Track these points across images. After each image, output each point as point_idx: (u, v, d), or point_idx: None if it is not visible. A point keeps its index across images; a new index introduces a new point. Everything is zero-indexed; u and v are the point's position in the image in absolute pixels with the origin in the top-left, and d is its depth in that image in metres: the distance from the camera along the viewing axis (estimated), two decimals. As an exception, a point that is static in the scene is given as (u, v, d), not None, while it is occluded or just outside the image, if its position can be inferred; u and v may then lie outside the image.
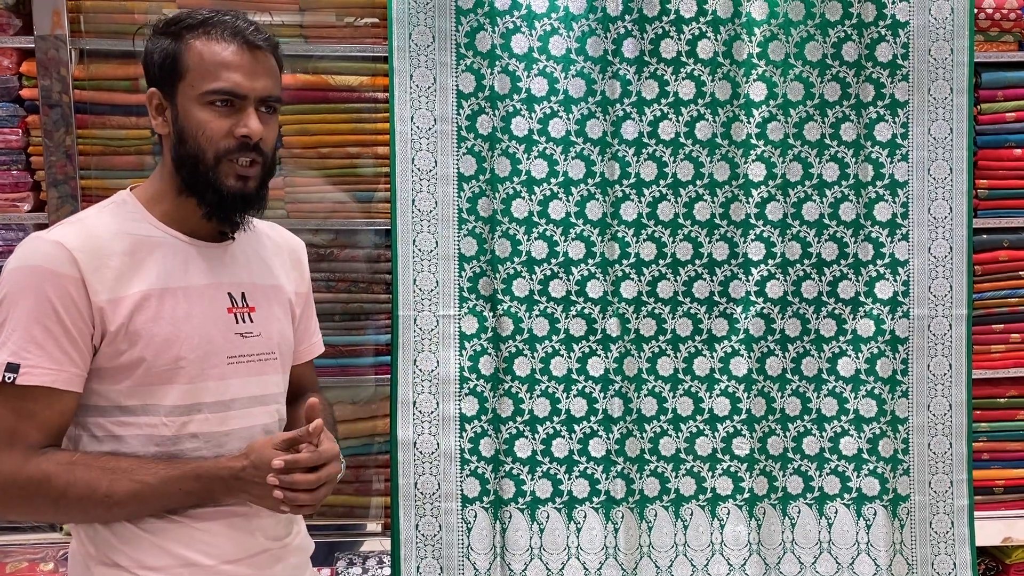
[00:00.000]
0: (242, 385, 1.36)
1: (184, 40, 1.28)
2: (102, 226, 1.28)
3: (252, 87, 1.29)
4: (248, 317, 1.37)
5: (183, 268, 1.32)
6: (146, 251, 1.29)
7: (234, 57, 1.28)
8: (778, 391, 2.13)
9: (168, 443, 1.29)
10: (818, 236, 2.12)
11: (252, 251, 1.44)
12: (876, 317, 2.12)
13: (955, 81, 2.11)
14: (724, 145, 2.09)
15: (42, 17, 2.00)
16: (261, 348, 1.39)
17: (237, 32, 1.28)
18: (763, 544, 2.13)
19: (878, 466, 2.13)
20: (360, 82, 2.13)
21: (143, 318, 1.26)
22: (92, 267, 1.23)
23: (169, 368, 1.28)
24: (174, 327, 1.28)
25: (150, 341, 1.26)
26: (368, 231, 2.19)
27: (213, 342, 1.32)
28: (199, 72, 1.27)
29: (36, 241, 1.25)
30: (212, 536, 1.31)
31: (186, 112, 1.28)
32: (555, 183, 2.07)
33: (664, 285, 2.10)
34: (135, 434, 1.28)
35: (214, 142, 1.28)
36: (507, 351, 2.07)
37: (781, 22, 2.07)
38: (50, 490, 1.21)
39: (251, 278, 1.41)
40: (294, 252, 1.56)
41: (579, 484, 2.09)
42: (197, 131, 1.27)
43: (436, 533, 2.05)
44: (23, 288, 1.21)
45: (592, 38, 2.05)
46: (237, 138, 1.28)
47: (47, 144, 2.03)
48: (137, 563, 1.28)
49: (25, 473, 1.20)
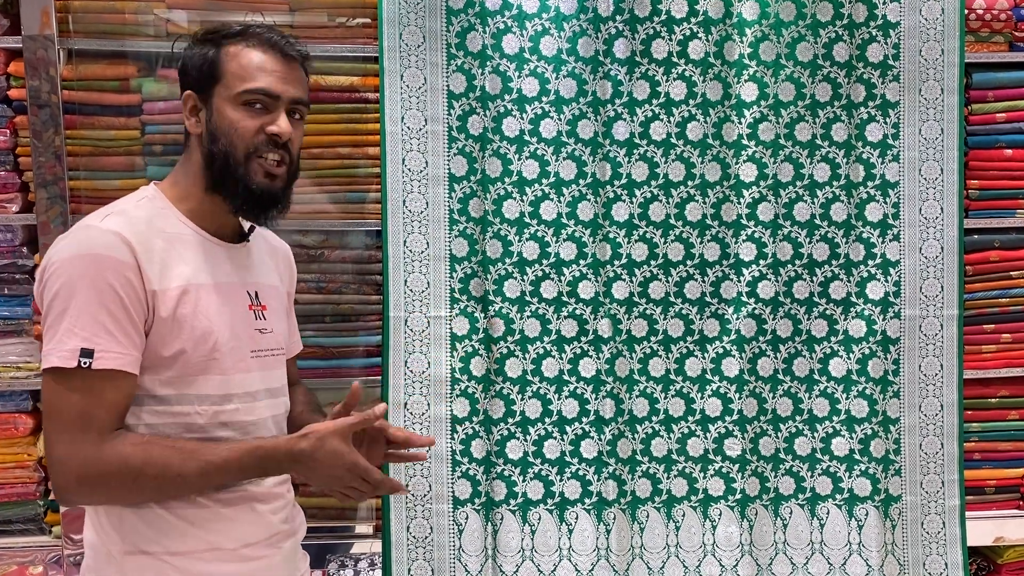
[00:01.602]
0: (262, 378, 1.43)
1: (223, 47, 1.38)
2: (143, 219, 1.34)
3: (284, 90, 1.38)
4: (263, 315, 1.45)
5: (212, 265, 1.38)
6: (181, 246, 1.36)
7: (269, 63, 1.37)
8: (770, 392, 2.13)
9: (200, 431, 1.34)
10: (809, 237, 2.12)
11: (258, 252, 1.52)
12: (867, 317, 2.12)
13: (946, 81, 2.11)
14: (715, 146, 2.09)
15: (30, 17, 1.99)
16: (274, 344, 1.47)
17: (273, 43, 1.39)
18: (755, 545, 2.13)
19: (870, 467, 2.13)
20: (351, 82, 2.12)
21: (185, 310, 1.32)
22: (145, 256, 1.29)
23: (205, 360, 1.33)
24: (210, 321, 1.34)
25: (191, 333, 1.32)
26: (359, 232, 2.18)
27: (240, 337, 1.39)
28: (236, 75, 1.36)
29: (90, 230, 1.29)
30: (233, 521, 1.37)
31: (220, 112, 1.36)
32: (546, 184, 2.07)
33: (656, 286, 2.10)
34: (168, 422, 1.32)
35: (245, 139, 1.35)
36: (498, 352, 2.06)
37: (772, 23, 2.07)
38: (128, 471, 1.25)
39: (261, 278, 1.49)
40: (285, 254, 1.64)
41: (571, 485, 2.09)
42: (230, 129, 1.35)
43: (427, 535, 2.05)
44: (84, 275, 1.25)
45: (583, 38, 2.04)
46: (268, 135, 1.36)
47: (35, 145, 2.02)
48: (166, 549, 1.32)
49: (104, 455, 1.24)
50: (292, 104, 1.40)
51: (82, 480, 1.25)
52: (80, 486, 1.25)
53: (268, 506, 1.42)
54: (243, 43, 1.38)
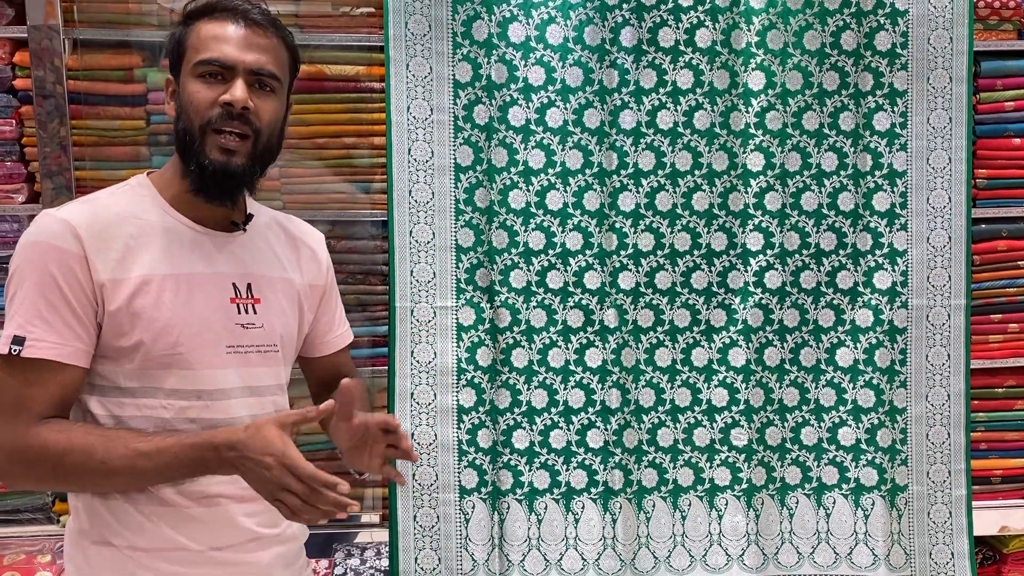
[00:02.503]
0: (240, 375, 1.36)
1: (190, 25, 1.33)
2: (114, 207, 1.31)
3: (241, 58, 1.30)
4: (252, 308, 1.38)
5: (188, 255, 1.33)
6: (152, 236, 1.31)
7: (228, 32, 1.30)
8: (776, 382, 2.12)
9: (166, 425, 1.30)
10: (817, 226, 2.11)
11: (264, 243, 1.45)
12: (874, 307, 2.12)
13: (954, 70, 2.10)
14: (722, 135, 2.08)
15: (35, 7, 1.98)
16: (262, 340, 1.39)
17: (237, 11, 1.32)
18: (761, 534, 2.13)
19: (876, 456, 2.13)
20: (356, 72, 2.11)
21: (143, 302, 1.27)
22: (95, 246, 1.25)
23: (167, 353, 1.29)
24: (173, 313, 1.29)
25: (149, 325, 1.27)
26: (365, 222, 2.17)
27: (212, 330, 1.32)
28: (193, 47, 1.31)
29: (45, 217, 1.27)
30: (200, 522, 1.32)
31: (183, 88, 1.31)
32: (552, 173, 2.06)
33: (662, 276, 2.10)
34: (134, 415, 1.29)
35: (200, 111, 1.29)
36: (505, 342, 2.06)
37: (780, 11, 2.06)
38: (48, 456, 1.21)
39: (259, 269, 1.41)
40: (311, 245, 1.55)
41: (577, 475, 2.09)
42: (188, 103, 1.30)
43: (434, 524, 2.05)
44: (31, 262, 1.24)
45: (590, 27, 2.03)
46: (221, 106, 1.28)
47: (41, 135, 2.01)
48: (129, 544, 1.30)
49: (26, 441, 1.22)
50: (254, 74, 1.30)
51: (9, 464, 1.23)
52: (9, 469, 1.24)
53: (242, 507, 1.34)
54: (208, 17, 1.32)
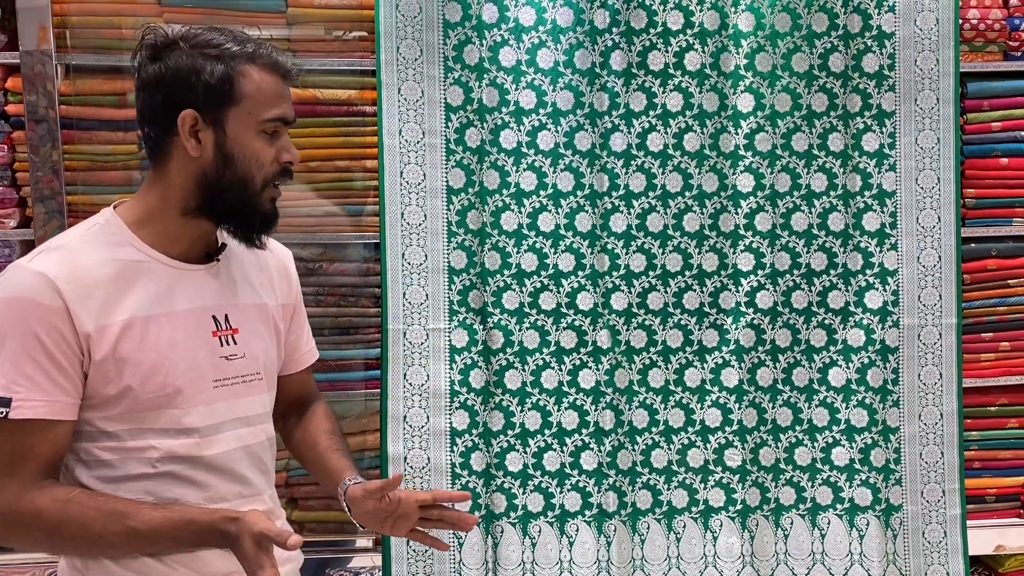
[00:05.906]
0: (228, 408, 1.35)
1: (232, 65, 1.28)
2: (86, 252, 1.26)
3: (293, 116, 1.36)
4: (232, 339, 1.37)
5: (168, 293, 1.31)
6: (131, 277, 1.28)
7: (282, 87, 1.34)
8: (769, 402, 2.12)
9: (157, 464, 1.28)
10: (807, 246, 2.12)
11: (235, 270, 1.43)
12: (866, 327, 2.12)
13: (941, 91, 2.12)
14: (712, 156, 2.09)
15: (28, 32, 1.99)
16: (246, 369, 1.39)
17: (279, 64, 1.33)
18: (756, 556, 2.12)
19: (870, 476, 2.12)
20: (348, 96, 2.12)
21: (128, 346, 1.25)
22: (77, 296, 1.22)
23: (156, 395, 1.27)
24: (159, 354, 1.27)
25: (136, 369, 1.25)
26: (357, 244, 2.18)
27: (199, 367, 1.32)
28: (256, 100, 1.29)
29: (18, 271, 1.23)
30: (195, 556, 1.30)
31: (239, 138, 1.29)
32: (544, 195, 2.07)
33: (654, 297, 2.10)
34: (123, 457, 1.27)
35: (264, 168, 1.32)
36: (498, 364, 2.06)
37: (768, 34, 2.08)
38: (43, 526, 1.20)
39: (234, 299, 1.40)
40: (281, 262, 1.54)
41: (571, 497, 2.08)
42: (251, 158, 1.30)
43: (427, 548, 2.04)
44: (10, 321, 1.20)
45: (580, 51, 2.05)
46: (282, 163, 1.34)
47: (33, 160, 2.02)
48: None
49: (20, 507, 1.20)
50: None
51: (3, 526, 1.21)
52: (2, 531, 1.23)
53: None
54: (254, 64, 1.29)
